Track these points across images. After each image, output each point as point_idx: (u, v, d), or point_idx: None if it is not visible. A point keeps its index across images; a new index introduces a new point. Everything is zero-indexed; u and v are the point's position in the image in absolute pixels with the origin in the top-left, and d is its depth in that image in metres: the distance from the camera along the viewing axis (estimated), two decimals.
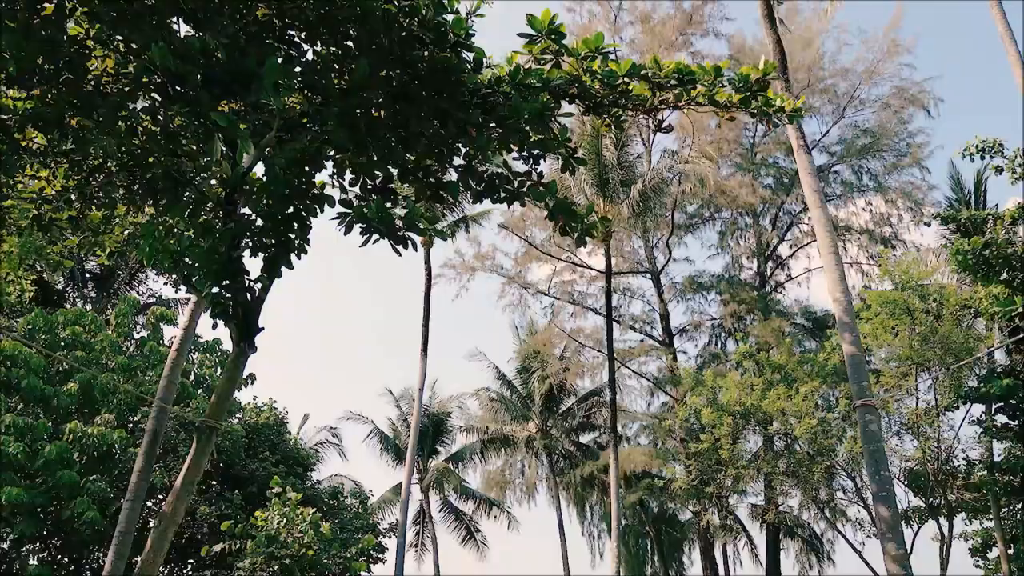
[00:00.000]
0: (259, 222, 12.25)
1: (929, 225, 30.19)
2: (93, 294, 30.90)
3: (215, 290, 12.90)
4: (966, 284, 23.42)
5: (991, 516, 26.03)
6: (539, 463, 38.82)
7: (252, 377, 27.95)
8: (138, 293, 32.32)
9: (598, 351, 34.79)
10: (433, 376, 49.26)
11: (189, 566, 22.46)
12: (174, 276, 29.83)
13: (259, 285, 13.43)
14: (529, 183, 9.71)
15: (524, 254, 35.66)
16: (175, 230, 12.09)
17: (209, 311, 12.89)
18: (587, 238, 11.28)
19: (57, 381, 22.18)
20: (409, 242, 9.72)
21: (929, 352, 20.67)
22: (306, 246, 12.77)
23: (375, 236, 9.70)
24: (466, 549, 37.68)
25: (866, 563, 24.11)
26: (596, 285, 36.60)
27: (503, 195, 10.00)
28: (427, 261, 29.37)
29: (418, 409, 28.43)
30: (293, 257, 11.42)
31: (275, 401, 25.80)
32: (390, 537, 27.95)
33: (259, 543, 16.89)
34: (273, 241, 12.66)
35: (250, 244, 12.72)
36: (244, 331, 13.83)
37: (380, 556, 27.43)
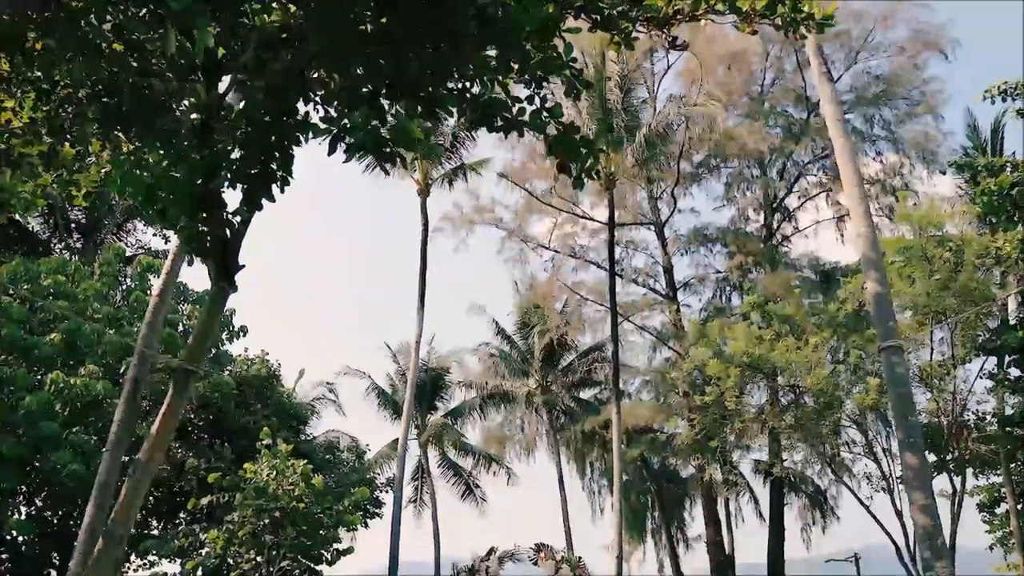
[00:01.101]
0: (237, 151, 11.38)
1: (944, 174, 29.18)
2: (79, 244, 29.95)
3: (190, 224, 11.99)
4: (982, 234, 22.51)
5: (999, 471, 25.48)
6: (539, 419, 38.25)
7: (244, 329, 27.21)
8: (126, 244, 31.39)
9: (600, 305, 33.95)
10: (431, 331, 48.54)
11: (182, 521, 21.89)
12: (162, 227, 28.94)
13: (238, 219, 12.49)
14: (531, 110, 8.82)
15: (524, 206, 34.63)
16: (147, 160, 11.22)
17: (184, 246, 12.00)
18: (588, 178, 10.34)
19: (40, 331, 21.39)
20: (398, 159, 8.78)
21: (947, 300, 19.81)
22: (289, 178, 11.80)
23: (372, 159, 8.64)
24: (465, 505, 37.33)
25: (874, 517, 23.62)
26: (598, 238, 35.61)
27: (500, 123, 9.09)
28: (423, 211, 28.36)
29: (415, 362, 27.68)
30: (277, 192, 10.43)
31: (267, 353, 25.02)
32: (387, 492, 27.42)
33: (247, 496, 16.21)
34: (252, 172, 11.72)
35: (228, 175, 11.79)
36: (222, 268, 12.88)
37: (377, 511, 26.96)
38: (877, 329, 11.93)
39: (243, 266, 13.25)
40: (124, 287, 25.42)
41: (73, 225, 30.72)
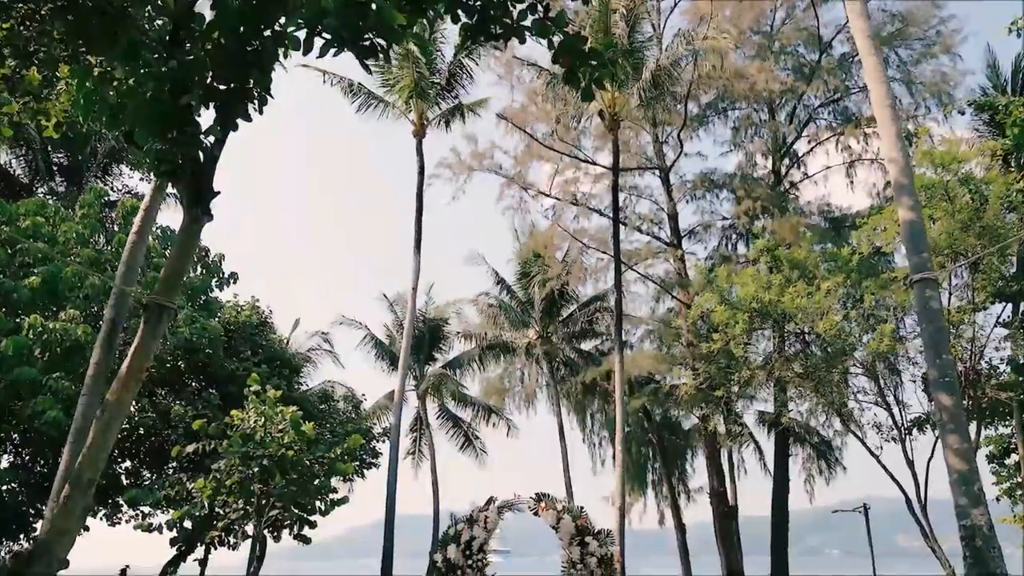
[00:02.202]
0: (209, 64, 10.33)
1: (963, 114, 27.88)
2: (62, 188, 28.86)
3: (159, 145, 10.94)
4: (1008, 172, 21.47)
5: (1008, 423, 24.80)
6: (539, 370, 37.56)
7: (234, 276, 26.28)
8: (112, 189, 30.28)
9: (602, 252, 32.96)
10: (429, 280, 47.72)
11: (171, 471, 21.22)
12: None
13: (211, 140, 11.44)
14: (533, 17, 7.77)
15: (525, 151, 33.42)
16: (114, 78, 10.17)
17: (153, 169, 11.00)
18: (597, 87, 9.36)
19: (20, 275, 20.47)
20: (380, 52, 7.76)
21: (969, 241, 18.84)
22: (267, 95, 10.76)
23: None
24: (465, 457, 36.87)
25: (883, 467, 22.91)
26: (601, 185, 34.45)
27: (499, 30, 8.03)
28: (419, 153, 27.22)
29: (411, 309, 26.82)
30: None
31: (257, 300, 24.16)
32: (384, 442, 26.81)
33: (233, 443, 15.43)
34: (226, 87, 10.66)
35: (199, 91, 10.73)
36: (195, 194, 11.84)
37: (374, 461, 26.41)
38: (909, 260, 10.98)
39: (218, 192, 12.15)
40: (108, 231, 24.44)
41: (56, 168, 29.58)
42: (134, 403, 20.59)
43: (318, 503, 19.73)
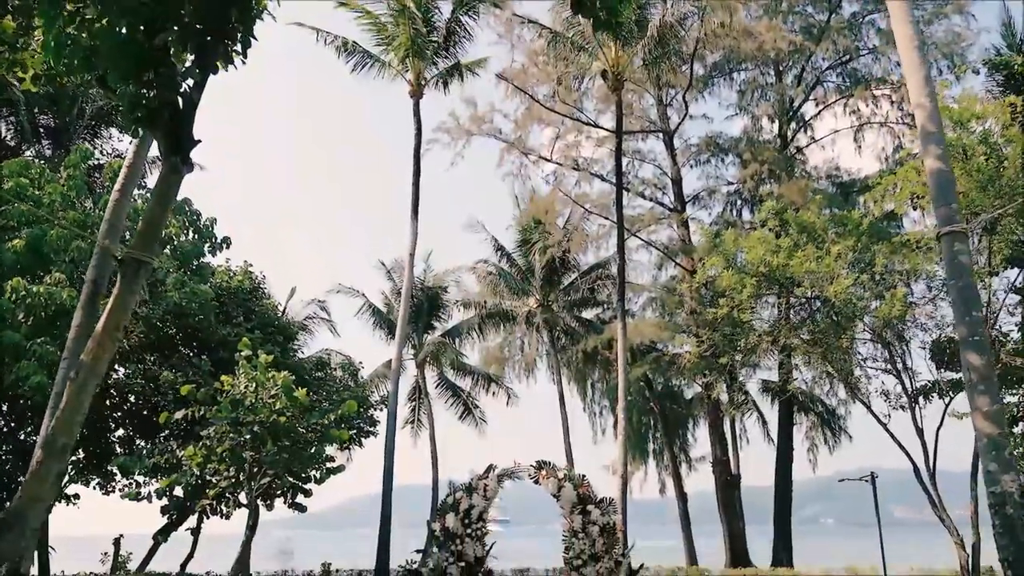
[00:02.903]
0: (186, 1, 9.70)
1: (978, 73, 26.98)
2: (49, 150, 28.04)
3: (134, 88, 10.25)
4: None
5: (1016, 391, 24.24)
6: (539, 339, 37.01)
7: (227, 240, 25.57)
8: (101, 152, 29.46)
9: (604, 219, 32.30)
10: (428, 247, 46.90)
11: (163, 439, 20.72)
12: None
13: (190, 83, 10.71)
14: None
15: (525, 113, 32.57)
16: (85, 16, 9.49)
17: (127, 115, 10.31)
18: (613, 18, 8.68)
19: (3, 238, 19.81)
20: None
21: (986, 202, 18.12)
22: (250, 37, 10.05)
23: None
24: (464, 425, 36.42)
25: (891, 436, 22.37)
26: (603, 149, 33.68)
27: None
28: (416, 113, 26.38)
29: (409, 276, 26.18)
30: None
31: (250, 265, 23.50)
32: (381, 410, 26.31)
33: (223, 409, 14.87)
34: (205, 27, 9.97)
35: (177, 31, 10.04)
36: (173, 141, 11.13)
37: (372, 430, 25.92)
38: (937, 212, 10.32)
39: (199, 141, 11.38)
40: (96, 195, 23.69)
41: (43, 131, 28.75)
42: (123, 369, 20.03)
43: (313, 471, 19.28)
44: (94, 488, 23.04)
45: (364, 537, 25.30)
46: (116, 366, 20.02)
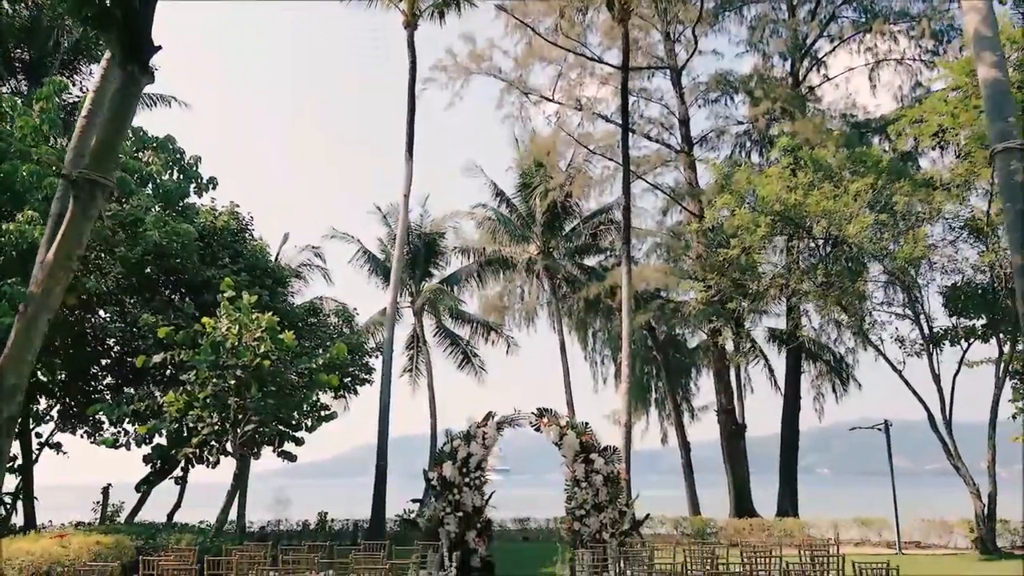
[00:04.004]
0: None
1: (1004, 3, 25.48)
2: (25, 87, 26.64)
3: None
4: None
5: None
6: (540, 287, 36.00)
7: (213, 181, 24.43)
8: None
9: (608, 160, 31.02)
10: (424, 191, 45.43)
11: (146, 386, 19.85)
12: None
13: None
14: None
15: (527, 50, 31.06)
16: None
17: (75, 13, 9.14)
18: None
19: None
20: None
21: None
22: None
23: None
24: (464, 375, 35.65)
25: (906, 382, 21.58)
26: (607, 88, 32.24)
27: None
28: (411, 46, 24.97)
29: (403, 216, 25.07)
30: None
31: (237, 205, 22.34)
32: (377, 357, 25.46)
33: (203, 352, 13.92)
34: None
35: None
36: (130, 47, 9.89)
37: (367, 377, 25.10)
38: (991, 127, 9.21)
39: (159, 47, 10.17)
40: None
41: (18, 65, 27.29)
42: (101, 313, 19.05)
43: (304, 419, 18.46)
44: (81, 437, 22.36)
45: (364, 486, 24.70)
46: (96, 310, 19.08)
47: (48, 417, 22.58)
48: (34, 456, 22.49)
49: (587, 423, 18.66)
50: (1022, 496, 21.67)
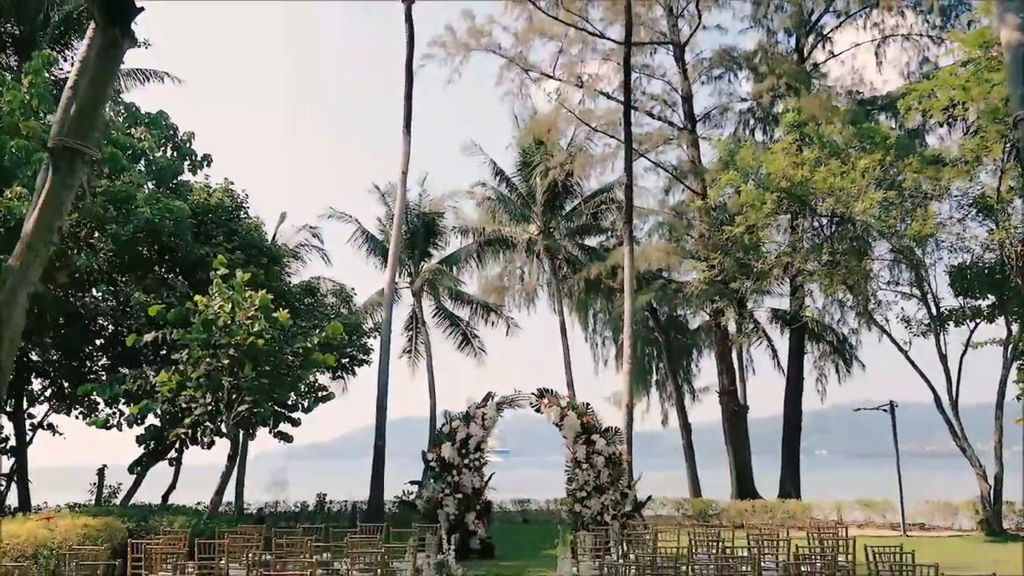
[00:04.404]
0: None
1: None
2: (14, 62, 26.09)
3: None
4: None
5: None
6: (540, 267, 35.59)
7: (207, 158, 24.01)
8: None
9: (610, 138, 30.50)
10: (423, 170, 44.77)
11: (143, 367, 19.50)
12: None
13: None
14: None
15: (527, 25, 30.49)
16: None
17: None
18: None
19: None
20: None
21: None
22: None
23: None
24: (463, 357, 35.32)
25: (912, 363, 21.28)
26: (609, 65, 31.64)
27: None
28: (408, 18, 24.42)
29: (401, 193, 24.64)
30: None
31: (231, 182, 21.88)
32: (375, 337, 25.12)
33: (195, 330, 13.57)
34: None
35: None
36: (110, 7, 9.36)
37: (365, 358, 24.77)
38: (1013, 93, 8.74)
39: (141, 9, 9.64)
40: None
41: (7, 41, 26.70)
42: (94, 292, 18.68)
43: (300, 400, 18.15)
44: (76, 418, 22.07)
45: (365, 468, 24.47)
46: (88, 288, 18.70)
47: (43, 398, 22.30)
48: (28, 437, 22.22)
49: (588, 404, 18.37)
50: (1023, 477, 21.47)
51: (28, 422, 21.98)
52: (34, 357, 20.87)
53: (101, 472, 22.62)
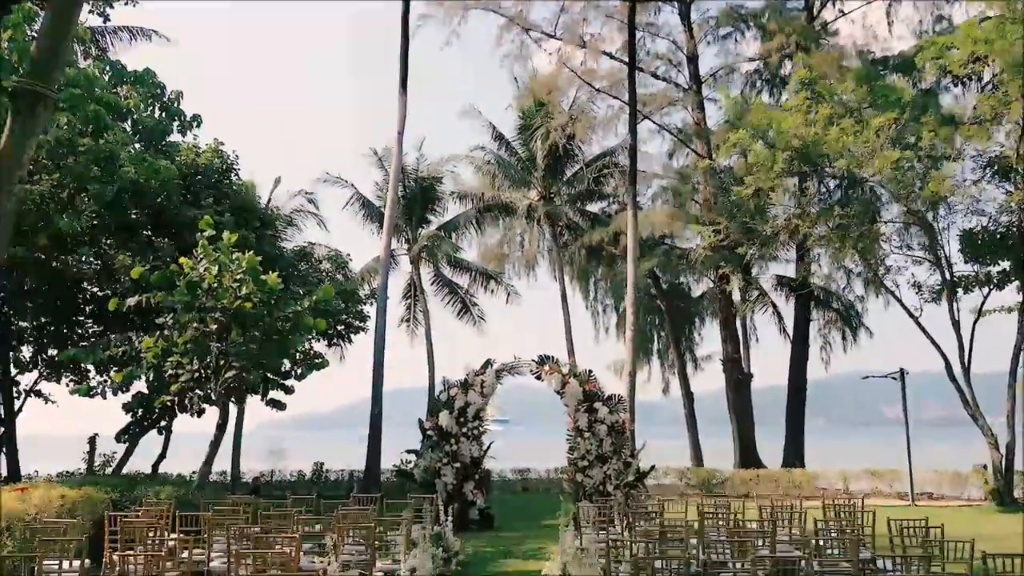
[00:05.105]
0: None
1: None
2: None
3: None
4: None
5: None
6: (540, 234, 34.86)
7: (197, 118, 23.16)
8: None
9: (613, 99, 29.62)
10: (421, 133, 43.70)
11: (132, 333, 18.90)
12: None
13: None
14: None
15: None
16: None
17: None
18: None
19: None
20: None
21: None
22: None
23: None
24: (462, 323, 34.73)
25: (923, 330, 20.69)
26: (612, 24, 30.64)
27: None
28: None
29: (397, 155, 23.89)
30: None
31: (221, 143, 21.11)
32: (371, 304, 24.52)
33: (179, 293, 12.94)
34: None
35: None
36: None
37: (362, 325, 24.21)
38: None
39: None
40: None
41: None
42: (74, 254, 18.00)
43: (294, 367, 17.59)
44: (67, 385, 21.55)
45: (364, 438, 24.01)
46: (72, 251, 18.01)
47: (32, 365, 21.76)
48: (17, 405, 21.73)
49: (590, 371, 17.82)
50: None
51: (15, 389, 21.46)
52: (22, 323, 20.30)
53: (93, 441, 22.18)
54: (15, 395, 21.21)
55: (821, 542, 8.04)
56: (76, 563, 7.94)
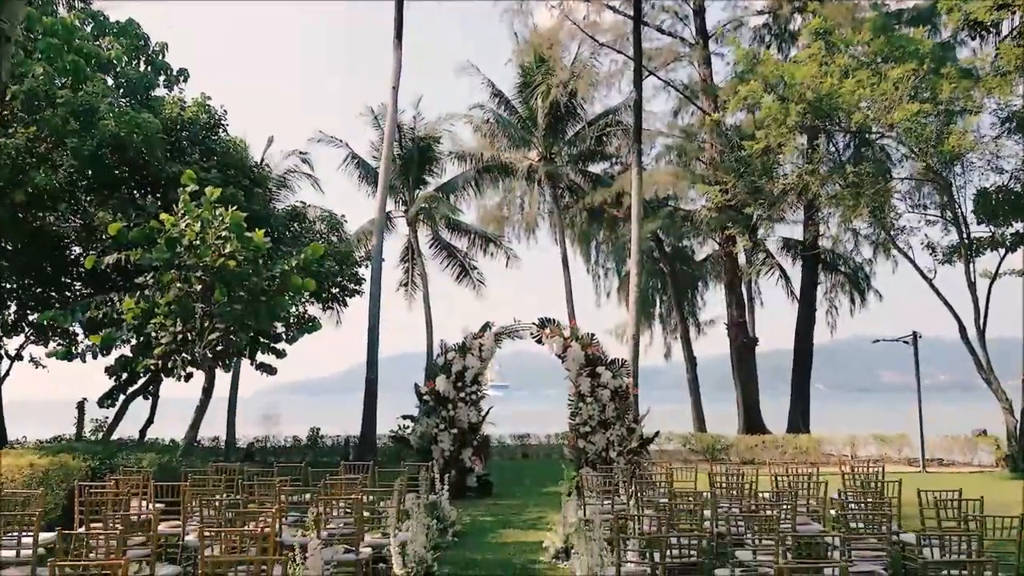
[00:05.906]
0: None
1: None
2: None
3: None
4: None
5: None
6: (541, 195, 33.98)
7: (184, 73, 22.31)
8: None
9: (617, 52, 28.56)
10: (417, 92, 42.58)
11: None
12: None
13: None
14: None
15: None
16: None
17: None
18: None
19: None
20: None
21: None
22: None
23: None
24: (461, 287, 34.03)
25: (937, 292, 20.02)
26: None
27: None
28: None
29: (392, 110, 22.97)
30: None
31: (209, 97, 20.19)
32: (367, 267, 23.79)
33: (158, 251, 12.20)
34: None
35: None
36: None
37: (357, 288, 23.50)
38: None
39: None
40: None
41: None
42: (52, 211, 17.23)
43: (284, 330, 16.93)
44: (56, 347, 20.89)
45: (360, 402, 23.49)
46: (50, 208, 17.22)
47: (18, 328, 21.09)
48: (4, 370, 21.14)
49: (593, 334, 17.17)
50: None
51: (1, 352, 20.84)
52: (6, 286, 19.59)
53: (81, 406, 21.59)
54: (0, 358, 20.58)
55: (849, 519, 7.37)
56: (44, 536, 7.35)
